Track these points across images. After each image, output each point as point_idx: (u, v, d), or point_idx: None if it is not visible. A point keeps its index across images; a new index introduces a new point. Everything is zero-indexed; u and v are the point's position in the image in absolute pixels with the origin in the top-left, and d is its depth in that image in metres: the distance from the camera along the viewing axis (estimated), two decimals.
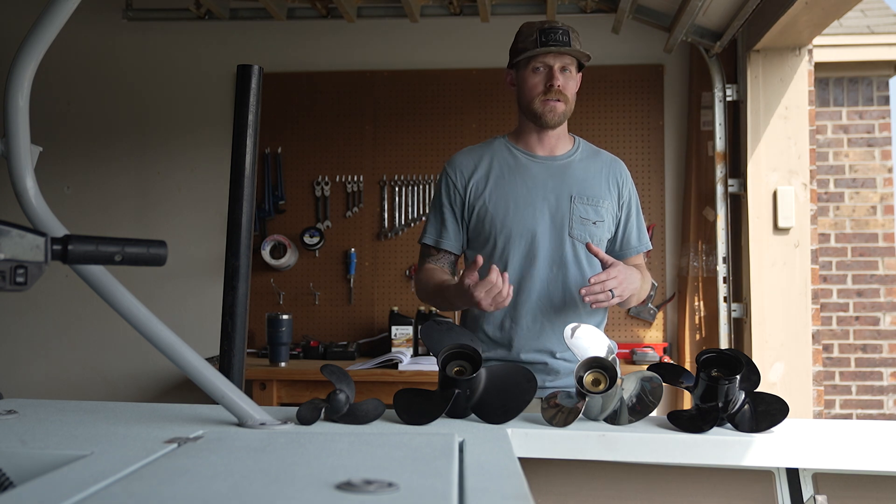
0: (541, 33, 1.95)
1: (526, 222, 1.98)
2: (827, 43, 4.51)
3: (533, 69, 1.98)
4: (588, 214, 1.99)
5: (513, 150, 2.06)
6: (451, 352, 1.42)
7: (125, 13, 3.87)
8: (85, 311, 3.82)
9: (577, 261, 1.99)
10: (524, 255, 1.98)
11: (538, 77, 1.97)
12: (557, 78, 1.95)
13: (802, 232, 3.36)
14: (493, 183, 2.02)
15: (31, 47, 1.20)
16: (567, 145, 2.08)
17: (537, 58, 1.96)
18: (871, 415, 4.87)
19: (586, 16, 3.75)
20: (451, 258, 2.08)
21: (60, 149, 3.93)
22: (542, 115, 1.98)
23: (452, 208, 2.06)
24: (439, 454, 1.01)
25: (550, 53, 1.95)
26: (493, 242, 2.00)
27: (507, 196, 2.00)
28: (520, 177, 2.02)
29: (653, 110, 3.77)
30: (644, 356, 3.39)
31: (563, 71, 1.97)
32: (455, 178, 2.06)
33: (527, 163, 2.04)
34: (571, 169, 2.03)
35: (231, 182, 1.44)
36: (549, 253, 1.98)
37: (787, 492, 1.35)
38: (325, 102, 3.88)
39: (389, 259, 3.82)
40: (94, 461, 0.96)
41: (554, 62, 1.96)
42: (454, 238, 2.06)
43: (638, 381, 1.41)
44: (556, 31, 1.95)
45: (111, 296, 1.17)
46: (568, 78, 1.98)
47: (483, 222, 2.01)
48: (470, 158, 2.07)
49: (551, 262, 1.98)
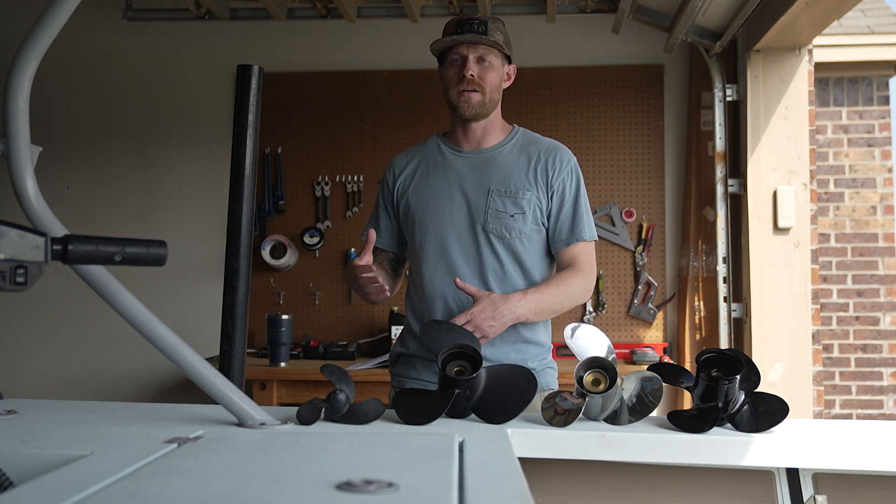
0: (457, 25, 1.97)
1: (441, 217, 1.98)
2: (827, 43, 4.51)
3: (451, 61, 1.99)
4: (505, 207, 1.95)
5: (442, 146, 2.07)
6: (451, 352, 1.42)
7: (125, 13, 3.87)
8: (85, 311, 3.82)
9: (495, 256, 1.95)
10: (439, 250, 1.98)
11: (454, 68, 1.98)
12: (469, 67, 1.95)
13: (802, 232, 3.36)
14: (418, 180, 2.05)
15: (31, 47, 1.20)
16: (498, 137, 2.05)
17: (452, 49, 1.97)
18: (871, 415, 4.87)
19: (586, 16, 3.75)
20: (389, 255, 2.12)
21: (60, 149, 3.93)
22: (457, 105, 1.98)
23: (385, 206, 2.10)
24: (439, 454, 1.01)
25: (463, 44, 1.95)
26: (414, 238, 2.02)
27: (428, 192, 2.02)
28: (442, 172, 2.02)
29: (653, 110, 3.77)
30: (644, 356, 3.39)
31: (481, 62, 1.96)
32: (388, 177, 2.11)
33: (451, 158, 2.04)
34: (495, 161, 2.01)
35: (231, 182, 1.44)
36: (463, 248, 1.96)
37: (787, 492, 1.35)
38: (325, 102, 3.88)
39: None
40: (94, 461, 0.96)
41: (467, 52, 1.95)
42: (387, 236, 2.10)
43: (638, 381, 1.41)
44: (472, 22, 1.95)
45: (111, 296, 1.17)
46: (486, 68, 1.97)
47: (407, 219, 2.04)
48: (405, 158, 2.12)
49: (466, 258, 1.96)
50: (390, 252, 2.12)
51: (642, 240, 3.72)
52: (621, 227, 3.71)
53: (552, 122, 3.71)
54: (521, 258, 1.96)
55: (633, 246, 3.73)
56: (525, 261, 1.97)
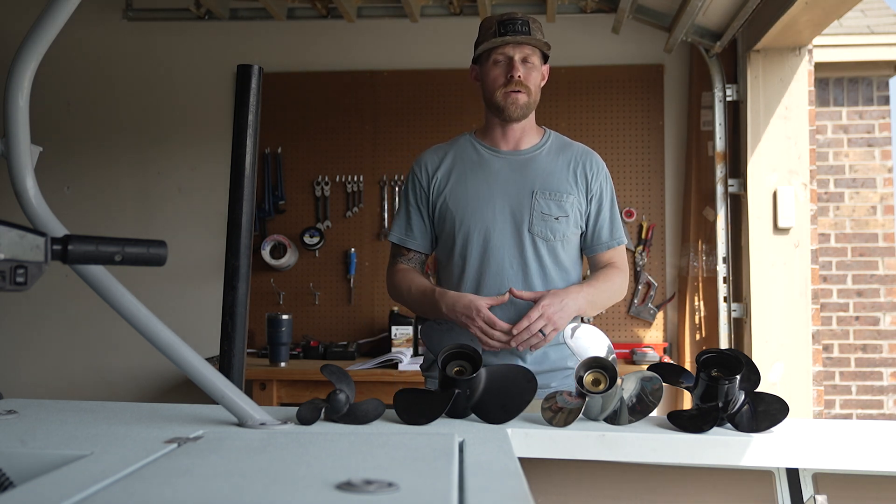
0: (500, 25, 1.94)
1: (484, 219, 1.95)
2: (827, 43, 4.51)
3: (494, 62, 1.96)
4: (550, 210, 1.95)
5: (477, 146, 2.04)
6: (451, 352, 1.42)
7: (125, 13, 3.87)
8: (85, 311, 3.82)
9: (538, 258, 1.95)
10: (482, 253, 1.95)
11: (498, 69, 1.95)
12: (517, 69, 1.93)
13: (802, 232, 3.36)
14: (455, 180, 2.00)
15: (31, 47, 1.20)
16: (534, 139, 2.04)
17: (497, 49, 1.94)
18: (871, 415, 4.87)
19: (586, 16, 3.75)
20: (420, 257, 2.08)
21: (60, 149, 3.93)
22: (504, 107, 1.96)
23: (418, 206, 2.04)
24: (439, 454, 1.01)
25: (509, 44, 1.93)
26: (454, 240, 1.98)
27: (468, 193, 1.98)
28: (481, 173, 1.99)
29: (653, 110, 3.77)
30: (644, 356, 3.39)
31: (525, 62, 1.95)
32: (420, 175, 2.04)
33: (489, 158, 2.01)
34: (535, 163, 2.00)
35: (231, 182, 1.44)
36: (507, 250, 1.95)
37: (787, 492, 1.35)
38: (325, 102, 3.88)
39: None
40: (94, 461, 0.96)
41: (514, 53, 1.94)
42: (420, 237, 2.05)
43: (638, 381, 1.41)
44: (515, 22, 1.93)
45: (111, 296, 1.17)
46: (530, 69, 1.96)
47: (444, 220, 2.00)
48: (435, 155, 2.06)
49: (511, 260, 1.95)
50: (422, 254, 2.08)
51: (642, 240, 3.72)
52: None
53: (552, 123, 3.67)
54: (562, 260, 1.97)
55: (633, 246, 3.73)
56: (565, 263, 1.98)
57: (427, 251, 2.07)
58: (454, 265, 1.99)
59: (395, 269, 2.07)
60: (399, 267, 2.06)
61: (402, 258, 2.07)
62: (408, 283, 2.01)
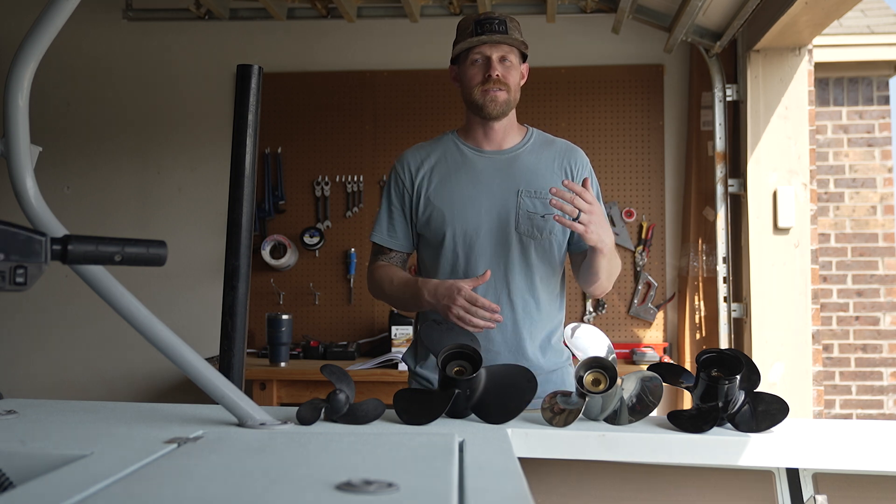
0: (476, 24, 1.94)
1: (470, 219, 1.94)
2: (827, 43, 4.51)
3: (471, 61, 1.96)
4: (536, 208, 1.94)
5: (460, 145, 2.03)
6: (451, 352, 1.42)
7: (125, 13, 3.87)
8: (85, 311, 3.82)
9: (524, 257, 1.95)
10: (468, 253, 1.95)
11: (476, 68, 1.95)
12: (495, 68, 1.93)
13: (802, 232, 3.36)
14: (439, 179, 1.99)
15: (31, 47, 1.20)
16: (516, 137, 2.04)
17: (474, 49, 1.95)
18: (871, 415, 4.87)
19: (586, 16, 3.75)
20: (402, 256, 2.07)
21: (60, 149, 3.93)
22: (483, 105, 1.95)
23: (401, 206, 2.03)
24: (439, 454, 1.01)
25: (486, 44, 1.94)
26: (439, 240, 1.97)
27: (453, 193, 1.97)
28: (465, 173, 1.99)
29: (653, 110, 3.77)
30: (644, 356, 3.39)
31: (503, 61, 1.95)
32: (403, 174, 2.03)
33: (473, 158, 2.01)
34: (519, 161, 1.99)
35: (231, 182, 1.44)
36: (494, 250, 1.94)
37: (787, 492, 1.35)
38: (325, 102, 3.88)
39: None
40: (94, 461, 0.96)
41: (491, 52, 1.94)
42: (402, 237, 2.04)
43: (638, 381, 1.41)
44: (492, 21, 1.93)
45: (111, 296, 1.17)
46: (508, 67, 1.96)
47: (429, 220, 1.99)
48: (419, 154, 2.05)
49: (497, 260, 1.94)
50: (404, 253, 2.07)
51: (642, 240, 3.72)
52: (621, 227, 3.71)
53: (552, 122, 3.71)
54: (548, 258, 1.96)
55: (633, 246, 3.73)
56: (551, 261, 1.97)
57: (409, 250, 2.07)
58: (440, 265, 1.99)
59: (375, 265, 2.06)
60: (379, 264, 2.06)
61: (383, 257, 2.06)
62: (389, 276, 2.00)
